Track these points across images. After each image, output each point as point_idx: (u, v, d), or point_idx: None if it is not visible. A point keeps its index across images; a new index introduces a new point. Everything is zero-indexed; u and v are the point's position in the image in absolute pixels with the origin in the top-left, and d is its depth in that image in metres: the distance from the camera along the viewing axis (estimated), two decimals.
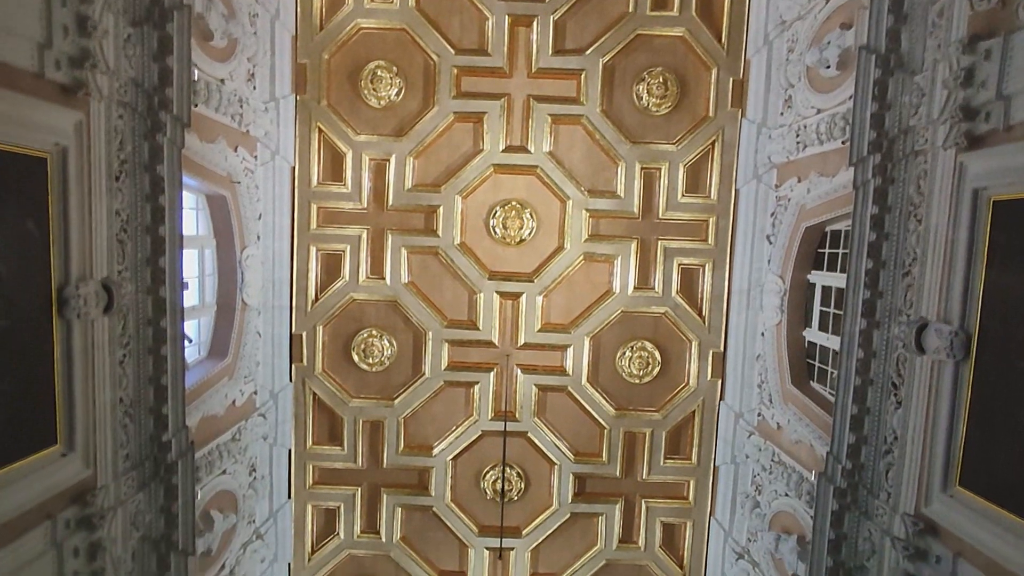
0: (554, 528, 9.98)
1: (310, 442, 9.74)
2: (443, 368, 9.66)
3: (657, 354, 9.64)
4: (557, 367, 9.73)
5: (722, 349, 9.55)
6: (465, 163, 9.32)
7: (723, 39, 9.07)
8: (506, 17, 9.02)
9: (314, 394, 9.64)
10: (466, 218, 9.46)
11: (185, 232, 6.61)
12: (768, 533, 8.19)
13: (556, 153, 9.34)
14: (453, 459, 9.87)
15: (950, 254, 5.14)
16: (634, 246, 9.46)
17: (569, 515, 9.94)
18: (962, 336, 4.92)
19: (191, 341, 7.35)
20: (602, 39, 9.08)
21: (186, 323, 6.67)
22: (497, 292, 9.54)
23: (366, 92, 9.14)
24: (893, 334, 5.84)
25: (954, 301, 5.07)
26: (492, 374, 9.69)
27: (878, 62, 5.87)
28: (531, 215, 9.42)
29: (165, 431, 6.20)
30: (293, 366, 9.51)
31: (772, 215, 8.70)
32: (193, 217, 7.89)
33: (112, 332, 5.52)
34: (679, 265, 9.52)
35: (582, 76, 9.16)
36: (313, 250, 9.41)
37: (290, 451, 9.64)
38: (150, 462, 6.13)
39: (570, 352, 9.66)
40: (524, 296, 9.54)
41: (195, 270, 7.92)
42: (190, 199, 7.75)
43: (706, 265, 9.50)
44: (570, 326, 9.63)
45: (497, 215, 9.41)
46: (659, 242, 9.48)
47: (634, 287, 9.55)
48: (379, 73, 9.08)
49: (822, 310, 8.09)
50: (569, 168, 9.35)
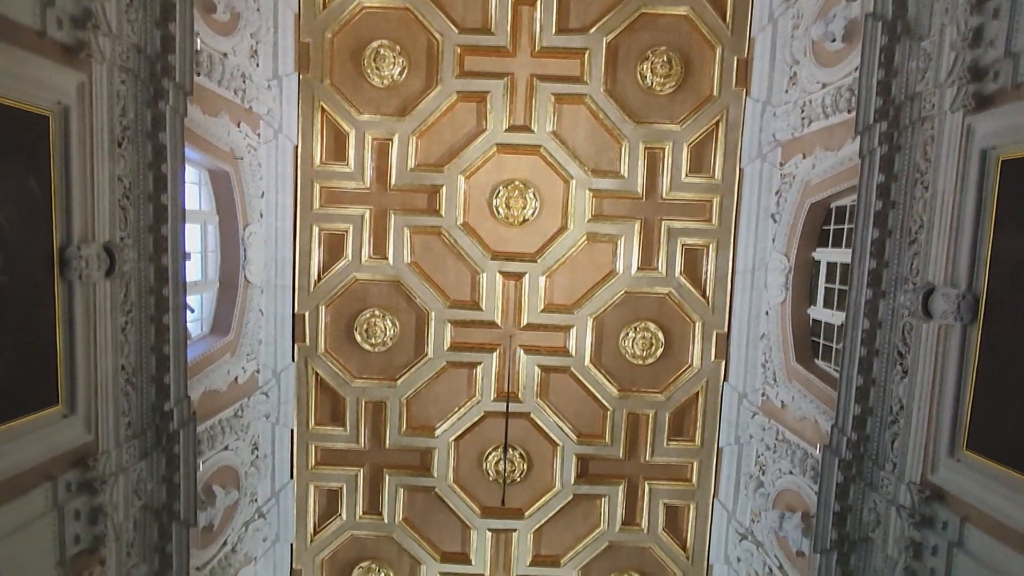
0: (557, 510, 9.94)
1: (312, 422, 9.72)
2: (446, 349, 9.64)
3: (660, 335, 9.60)
4: (560, 348, 9.70)
5: (726, 330, 9.51)
6: (468, 143, 9.29)
7: (727, 18, 9.03)
8: None
9: (316, 374, 9.62)
10: (469, 198, 9.43)
11: (188, 207, 6.60)
12: (772, 512, 8.15)
13: (559, 133, 9.30)
14: (455, 440, 9.84)
15: (957, 218, 5.10)
16: (637, 226, 9.42)
17: (572, 497, 9.91)
18: (969, 299, 4.87)
19: (193, 311, 7.34)
20: (606, 18, 9.04)
21: (188, 296, 6.66)
22: (500, 272, 9.51)
23: (369, 71, 9.12)
24: (899, 303, 5.79)
25: (961, 264, 5.02)
26: (495, 355, 9.66)
27: (885, 29, 5.83)
28: (534, 195, 9.39)
29: (167, 400, 6.18)
30: (296, 346, 9.49)
31: (777, 193, 8.66)
32: (196, 192, 7.87)
33: (114, 298, 5.50)
34: (683, 245, 9.48)
35: (586, 55, 9.13)
36: (316, 230, 9.39)
37: (292, 431, 9.62)
38: (152, 431, 6.12)
39: (573, 333, 9.63)
40: (527, 276, 9.51)
41: (198, 245, 7.90)
42: (193, 174, 7.74)
43: (710, 245, 9.46)
44: (573, 307, 9.60)
45: (500, 195, 9.38)
46: (663, 222, 9.44)
47: (637, 268, 9.51)
48: (382, 52, 9.06)
49: (827, 287, 8.04)
50: (572, 148, 9.32)
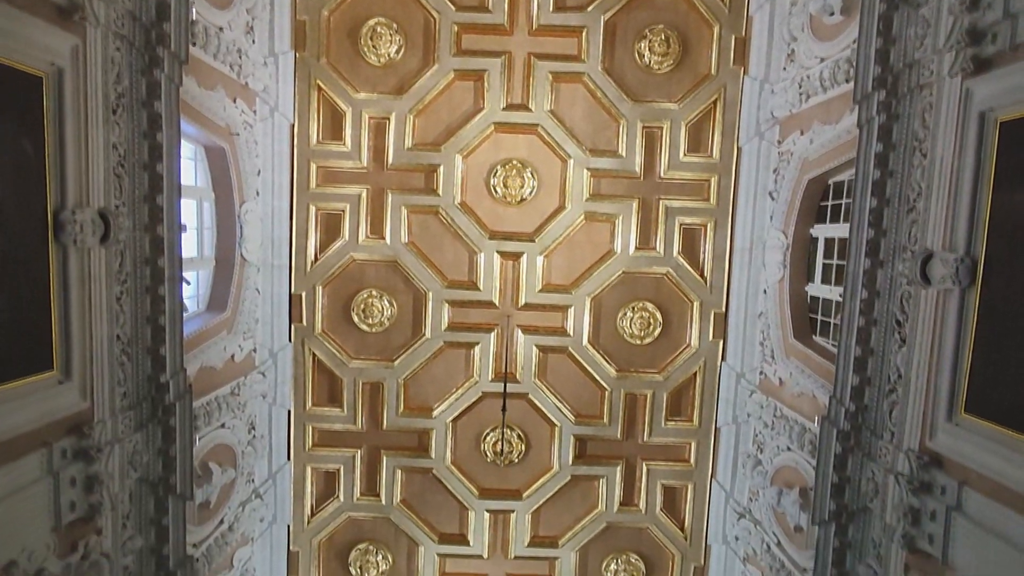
0: (555, 491, 9.93)
1: (309, 403, 9.69)
2: (443, 329, 9.61)
3: (658, 315, 9.59)
4: (558, 328, 9.68)
5: (724, 310, 9.50)
6: (465, 122, 9.26)
7: None
8: None
9: (314, 355, 9.59)
10: (466, 177, 9.40)
11: (183, 182, 6.57)
12: (770, 488, 8.16)
13: (557, 111, 9.27)
14: (453, 421, 9.82)
15: (955, 182, 5.08)
16: (635, 206, 9.40)
17: (569, 478, 9.90)
18: (968, 262, 4.86)
19: (188, 283, 7.30)
20: None
21: (184, 271, 6.62)
22: (498, 252, 9.49)
23: (366, 50, 9.07)
24: (897, 271, 5.78)
25: (960, 229, 5.01)
26: (492, 335, 9.64)
27: None
28: (532, 174, 9.36)
29: (163, 372, 6.16)
30: (292, 326, 9.46)
31: (774, 171, 8.65)
32: (192, 168, 7.83)
33: (109, 266, 5.47)
34: (681, 225, 9.46)
35: (583, 33, 9.09)
36: (312, 209, 9.35)
37: (289, 412, 9.59)
38: (147, 403, 6.08)
39: (571, 313, 9.61)
40: (525, 256, 9.49)
41: (194, 221, 7.86)
42: (188, 149, 7.70)
43: (708, 225, 9.44)
44: (571, 287, 9.58)
45: (498, 174, 9.35)
46: (661, 202, 9.42)
47: (635, 247, 9.49)
48: (379, 30, 9.01)
49: (825, 263, 8.04)
50: (570, 127, 9.29)
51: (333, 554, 10.05)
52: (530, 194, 9.41)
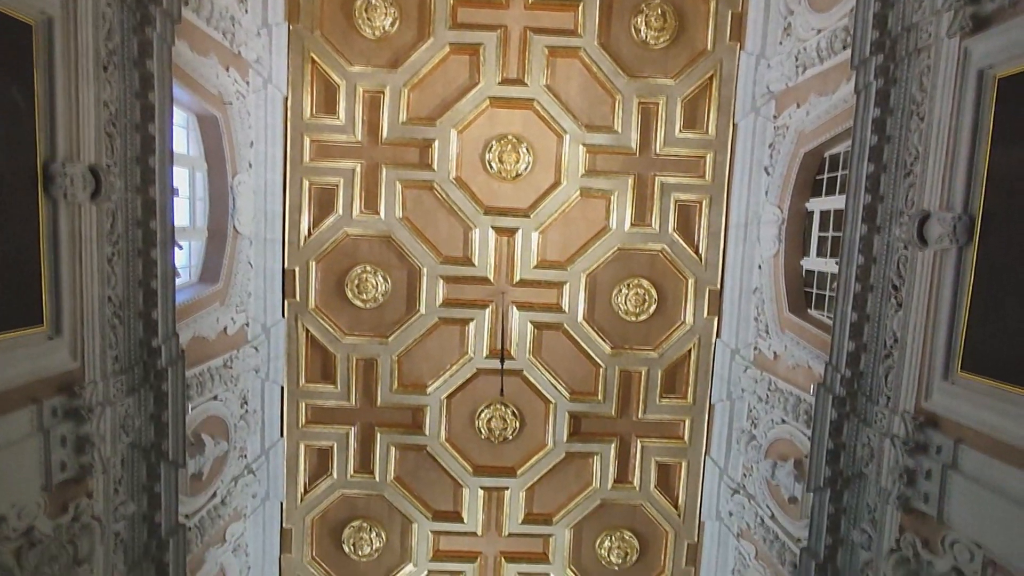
0: (549, 468, 9.92)
1: (303, 380, 9.63)
2: (438, 305, 9.56)
3: (653, 292, 9.58)
4: (553, 304, 9.66)
5: (719, 286, 9.50)
6: (461, 96, 9.19)
7: None
8: None
9: (307, 331, 9.53)
10: (461, 152, 9.35)
11: (176, 151, 6.49)
12: (765, 461, 8.17)
13: (553, 86, 9.22)
14: (447, 398, 9.78)
15: (953, 142, 5.08)
16: (631, 182, 9.38)
17: (564, 455, 9.89)
18: (965, 220, 4.86)
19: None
20: None
21: (176, 239, 6.55)
22: (493, 228, 9.44)
23: (360, 22, 8.99)
24: (894, 236, 5.77)
25: (957, 188, 5.00)
26: (487, 312, 9.60)
27: None
28: (527, 149, 9.32)
29: (155, 336, 6.08)
30: (286, 302, 9.39)
31: (770, 146, 8.64)
32: (184, 137, 7.74)
33: (100, 226, 5.39)
34: (676, 202, 9.45)
35: (580, 7, 9.03)
36: (306, 184, 9.27)
37: (282, 388, 9.52)
38: (139, 367, 6.01)
39: (566, 289, 9.58)
40: (520, 232, 9.45)
41: (186, 191, 7.77)
42: (181, 117, 7.60)
43: (703, 201, 9.43)
44: (566, 263, 9.55)
45: (493, 149, 9.30)
46: (656, 178, 9.40)
47: (631, 224, 9.47)
48: (373, 2, 8.93)
49: (820, 235, 8.04)
50: (566, 102, 9.25)
51: (326, 531, 10.01)
52: (525, 169, 9.37)
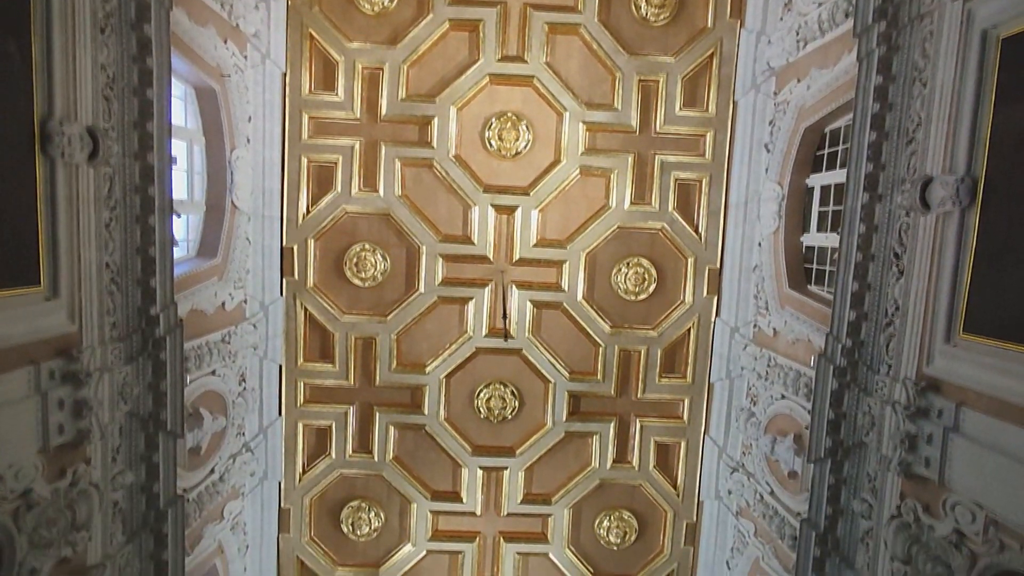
0: (548, 448, 9.91)
1: (301, 359, 9.60)
2: (437, 284, 9.53)
3: (653, 271, 9.56)
4: (552, 283, 9.63)
5: (718, 265, 9.48)
6: (460, 73, 9.15)
7: None
8: None
9: (305, 309, 9.49)
10: (461, 130, 9.31)
11: (174, 123, 6.44)
12: (764, 437, 8.17)
13: (553, 64, 9.19)
14: (447, 377, 9.76)
15: (956, 106, 5.06)
16: (631, 160, 9.35)
17: (563, 434, 9.88)
18: (968, 182, 4.85)
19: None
20: None
21: (174, 213, 6.50)
22: (492, 206, 9.41)
23: None
24: (896, 204, 5.76)
25: (960, 151, 4.99)
26: (487, 290, 9.57)
27: None
28: (527, 127, 9.28)
29: (153, 305, 6.05)
30: (284, 280, 9.35)
31: (770, 123, 8.62)
32: (182, 110, 7.68)
33: (98, 190, 5.35)
34: (676, 180, 9.43)
35: None
36: (304, 161, 9.22)
37: (281, 367, 9.49)
38: (137, 336, 5.98)
39: (566, 268, 9.56)
40: (519, 210, 9.42)
41: (184, 163, 7.72)
42: (179, 89, 7.54)
43: (703, 180, 9.41)
44: (566, 242, 9.53)
45: (492, 127, 9.26)
46: (656, 156, 9.38)
47: (630, 202, 9.45)
48: None
49: (820, 211, 8.03)
50: (566, 79, 9.21)
51: (325, 511, 9.99)
52: (525, 147, 9.33)
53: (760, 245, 8.78)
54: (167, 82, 5.99)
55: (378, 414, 9.77)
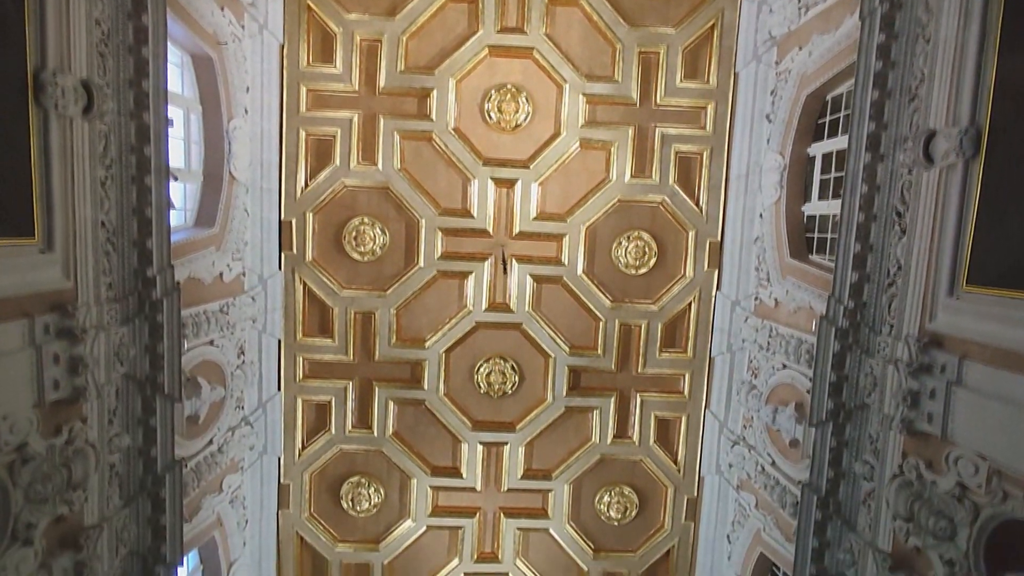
0: (548, 423, 9.88)
1: (300, 334, 9.56)
2: (436, 258, 9.48)
3: (653, 244, 9.51)
4: (552, 258, 9.59)
5: (719, 238, 9.43)
6: (459, 44, 9.09)
7: None
8: None
9: (304, 284, 9.45)
10: (460, 102, 9.25)
11: (170, 89, 6.38)
12: (765, 407, 8.13)
13: (553, 35, 9.12)
14: (446, 352, 9.72)
15: (960, 58, 4.99)
16: (631, 132, 9.30)
17: (563, 409, 9.85)
18: (972, 132, 4.79)
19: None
20: None
21: (171, 182, 6.45)
22: (492, 179, 9.36)
23: None
24: (898, 162, 5.71)
25: (963, 102, 4.93)
26: (486, 264, 9.52)
27: None
28: (527, 99, 9.22)
29: (149, 266, 6.00)
30: (283, 254, 9.30)
31: (772, 93, 8.55)
32: (178, 77, 7.63)
33: (93, 146, 5.31)
34: (677, 153, 9.37)
35: None
36: (302, 134, 9.17)
37: (280, 342, 9.45)
38: (134, 298, 5.94)
39: (566, 242, 9.51)
40: (519, 183, 9.37)
41: (180, 131, 7.67)
42: (175, 55, 7.49)
43: (704, 153, 9.35)
44: (566, 215, 9.48)
45: (492, 99, 9.20)
46: (657, 129, 9.32)
47: (631, 175, 9.40)
48: None
49: (822, 179, 7.97)
50: (566, 51, 9.15)
51: (324, 487, 9.97)
52: (525, 120, 9.27)
53: (761, 216, 8.73)
54: (163, 41, 5.93)
55: (378, 389, 9.73)
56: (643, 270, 9.56)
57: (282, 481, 9.77)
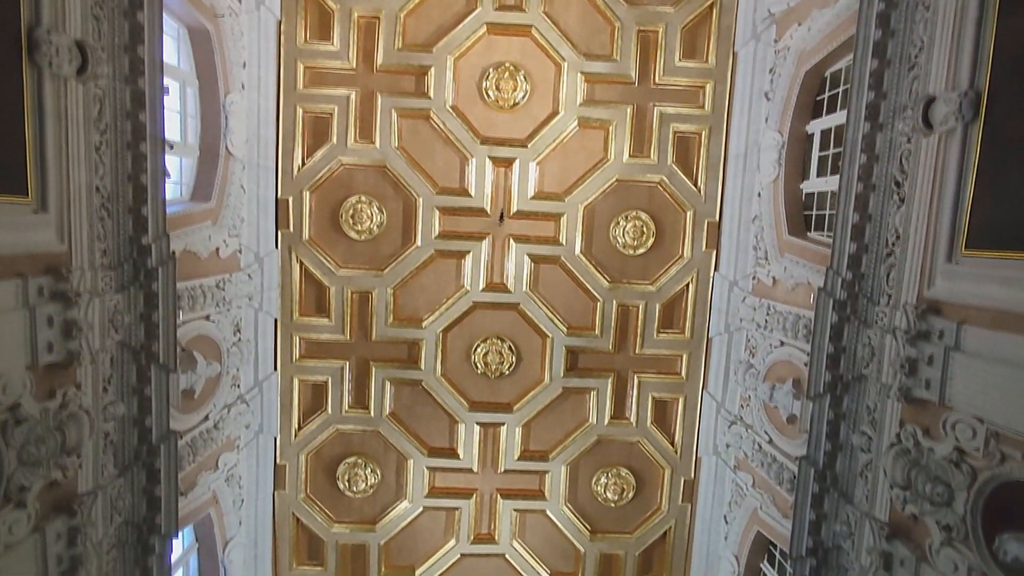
0: (545, 404, 9.85)
1: (297, 313, 9.51)
2: (434, 237, 9.44)
3: (652, 224, 9.48)
4: (550, 237, 9.55)
5: (717, 219, 9.41)
6: (457, 22, 9.03)
7: None
8: None
9: (301, 262, 9.40)
10: (458, 80, 9.20)
11: (166, 61, 6.33)
12: (763, 385, 8.12)
13: (551, 13, 9.07)
14: (444, 332, 9.69)
15: (960, 22, 4.98)
16: (630, 111, 9.26)
17: (560, 390, 9.82)
18: (971, 95, 4.77)
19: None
20: None
21: (167, 156, 6.40)
22: (490, 158, 9.32)
23: None
24: (897, 131, 5.69)
25: (963, 67, 4.91)
26: (484, 243, 9.49)
27: None
28: (525, 77, 9.17)
29: (145, 234, 5.97)
30: (279, 232, 9.26)
31: (771, 71, 8.52)
32: (175, 49, 7.57)
33: (87, 109, 5.28)
34: (675, 132, 9.33)
35: None
36: (300, 111, 9.11)
37: (276, 321, 9.41)
38: (129, 265, 5.91)
39: (564, 221, 9.48)
40: (517, 162, 9.33)
41: (176, 104, 7.62)
42: (171, 27, 7.43)
43: (702, 132, 9.32)
44: (564, 194, 9.44)
45: (490, 77, 9.15)
46: (655, 108, 9.28)
47: (629, 155, 9.36)
48: None
49: (821, 155, 7.95)
50: (564, 29, 9.10)
51: (320, 468, 9.94)
52: (523, 98, 9.23)
53: (759, 195, 8.70)
54: (158, 8, 5.88)
55: (374, 369, 9.70)
56: (641, 250, 9.54)
57: (278, 462, 9.74)
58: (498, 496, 10.09)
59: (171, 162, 7.32)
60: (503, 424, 9.88)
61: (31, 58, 4.61)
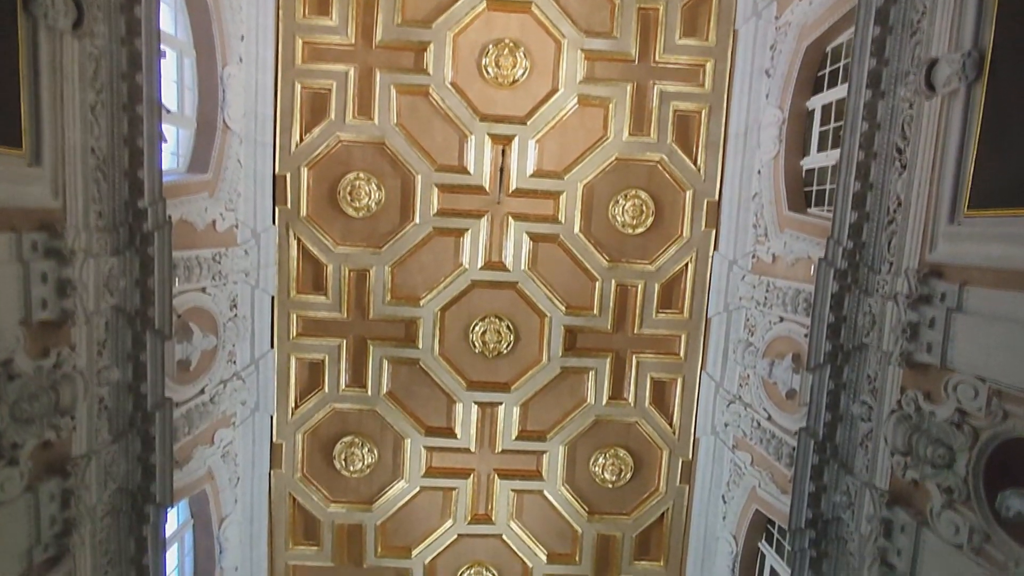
0: (543, 384, 9.82)
1: (294, 291, 9.46)
2: (432, 214, 9.39)
3: (651, 203, 9.45)
4: (549, 216, 9.51)
5: (717, 198, 9.38)
6: None
7: None
8: None
9: (298, 239, 9.35)
10: (457, 57, 9.15)
11: (163, 29, 6.28)
12: (762, 362, 8.09)
13: None
14: (441, 310, 9.64)
15: None
16: (629, 89, 9.22)
17: (559, 370, 9.78)
18: (975, 55, 4.73)
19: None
20: None
21: (164, 126, 6.34)
22: (489, 135, 9.27)
23: None
24: (899, 98, 5.66)
25: (966, 27, 4.87)
26: (483, 221, 9.44)
27: None
28: (524, 54, 9.13)
29: (140, 198, 5.91)
30: (276, 209, 9.20)
31: (772, 48, 8.49)
32: (171, 17, 7.51)
33: (83, 67, 5.22)
34: (675, 111, 9.30)
35: None
36: (298, 87, 9.06)
37: (273, 299, 9.35)
38: (125, 229, 5.86)
39: (563, 200, 9.44)
40: (516, 139, 9.28)
41: (173, 74, 7.56)
42: None
43: (702, 111, 9.29)
44: (563, 172, 9.40)
45: (490, 54, 9.11)
46: (655, 86, 9.24)
47: (629, 133, 9.33)
48: None
49: (821, 130, 7.92)
50: (564, 5, 9.06)
51: (317, 446, 9.89)
52: (522, 75, 9.18)
53: (759, 172, 8.67)
54: None
55: (372, 348, 9.65)
56: (640, 229, 9.50)
57: (274, 440, 9.69)
58: (495, 476, 10.05)
59: (168, 132, 7.26)
60: (501, 404, 9.84)
61: (26, 8, 4.55)
